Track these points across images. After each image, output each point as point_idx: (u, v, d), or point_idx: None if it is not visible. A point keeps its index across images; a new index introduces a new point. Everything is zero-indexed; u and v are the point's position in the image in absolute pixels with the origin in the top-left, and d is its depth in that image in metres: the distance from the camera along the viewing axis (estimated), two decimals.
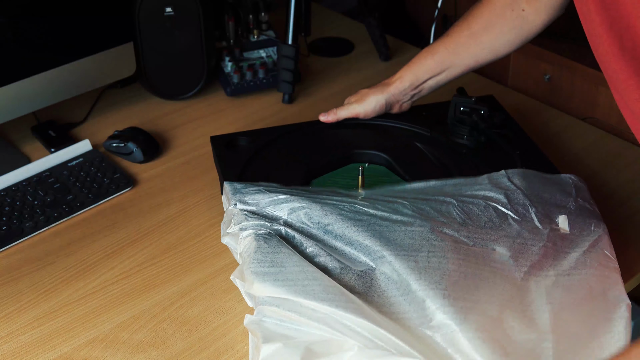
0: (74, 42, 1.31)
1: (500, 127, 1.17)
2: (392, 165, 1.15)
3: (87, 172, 1.24)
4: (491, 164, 1.12)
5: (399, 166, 1.14)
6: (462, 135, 1.16)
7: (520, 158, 1.12)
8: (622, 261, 1.08)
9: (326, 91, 1.51)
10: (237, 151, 1.18)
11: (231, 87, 1.47)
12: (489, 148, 1.16)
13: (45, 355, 0.96)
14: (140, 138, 1.31)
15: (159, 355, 0.95)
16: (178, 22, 1.40)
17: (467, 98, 1.18)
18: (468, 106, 1.18)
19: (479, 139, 1.16)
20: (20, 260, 1.10)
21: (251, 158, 1.15)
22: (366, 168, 1.17)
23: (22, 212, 1.16)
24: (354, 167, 1.15)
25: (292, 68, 1.43)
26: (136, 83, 1.50)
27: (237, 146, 1.20)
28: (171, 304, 1.02)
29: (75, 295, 1.04)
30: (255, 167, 1.14)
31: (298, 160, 1.15)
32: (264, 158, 1.16)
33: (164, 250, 1.11)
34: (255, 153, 1.17)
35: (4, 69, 1.24)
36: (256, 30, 1.57)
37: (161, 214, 1.18)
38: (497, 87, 1.51)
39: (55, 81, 1.30)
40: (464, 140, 1.16)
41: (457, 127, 1.17)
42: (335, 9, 1.89)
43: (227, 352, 0.96)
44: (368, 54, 1.63)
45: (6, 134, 1.37)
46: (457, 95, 1.19)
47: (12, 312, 1.01)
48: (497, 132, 1.15)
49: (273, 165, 1.14)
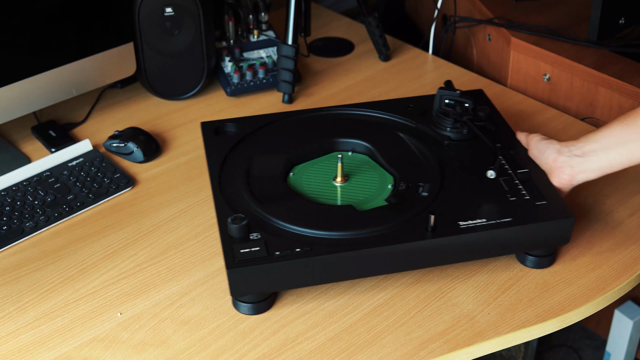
0: (74, 42, 1.31)
1: (484, 121, 1.18)
2: (374, 154, 1.17)
3: (87, 172, 1.24)
4: (472, 156, 1.13)
5: (380, 155, 1.16)
6: (446, 128, 1.18)
7: (499, 151, 1.12)
8: (622, 260, 1.09)
9: (326, 91, 1.51)
10: (225, 137, 1.20)
11: (231, 87, 1.47)
12: (472, 141, 1.17)
13: (45, 355, 0.96)
14: (140, 138, 1.31)
15: (159, 355, 0.95)
16: (178, 22, 1.40)
17: (453, 91, 1.19)
18: (453, 99, 1.19)
19: (462, 132, 1.17)
20: (20, 260, 1.10)
21: (237, 144, 1.18)
22: (348, 156, 1.18)
23: (22, 212, 1.16)
24: (336, 155, 1.17)
25: (292, 68, 1.43)
26: (136, 83, 1.50)
27: (225, 132, 1.22)
28: (171, 304, 1.02)
29: (75, 295, 1.04)
30: (240, 153, 1.16)
31: (282, 147, 1.17)
32: (249, 144, 1.18)
33: (164, 250, 1.11)
34: (242, 139, 1.19)
35: (4, 69, 1.24)
36: (256, 30, 1.57)
37: (161, 214, 1.18)
38: (497, 87, 1.51)
39: (56, 81, 1.30)
40: (447, 132, 1.17)
41: (441, 120, 1.18)
42: (335, 9, 1.89)
43: (227, 352, 0.96)
44: (368, 54, 1.63)
45: (6, 134, 1.37)
46: (442, 87, 1.20)
47: (12, 312, 1.02)
48: (480, 126, 1.16)
49: (257, 152, 1.16)
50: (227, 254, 0.96)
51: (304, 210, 1.04)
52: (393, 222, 1.01)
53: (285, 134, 1.20)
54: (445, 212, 1.02)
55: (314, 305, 1.02)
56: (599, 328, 1.85)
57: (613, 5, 1.43)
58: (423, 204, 1.04)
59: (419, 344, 0.97)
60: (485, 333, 0.98)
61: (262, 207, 1.04)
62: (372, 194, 1.10)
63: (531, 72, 1.49)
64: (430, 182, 1.08)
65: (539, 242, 1.04)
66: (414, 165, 1.13)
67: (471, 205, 1.04)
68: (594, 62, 1.41)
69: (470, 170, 1.10)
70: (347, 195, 1.10)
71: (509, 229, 1.01)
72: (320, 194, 1.10)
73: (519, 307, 1.02)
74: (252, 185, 1.08)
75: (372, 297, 1.03)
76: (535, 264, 1.07)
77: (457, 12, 1.68)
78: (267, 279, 0.97)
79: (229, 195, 1.07)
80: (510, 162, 1.11)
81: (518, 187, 1.06)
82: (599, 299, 1.03)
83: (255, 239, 0.98)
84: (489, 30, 1.60)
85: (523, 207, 1.03)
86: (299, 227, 1.00)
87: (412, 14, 2.01)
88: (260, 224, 1.01)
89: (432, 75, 1.55)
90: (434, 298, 1.03)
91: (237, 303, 1.01)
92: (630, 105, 1.34)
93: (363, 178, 1.13)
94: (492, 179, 1.07)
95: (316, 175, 1.14)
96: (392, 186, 1.11)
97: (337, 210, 1.05)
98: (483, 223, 1.01)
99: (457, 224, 1.01)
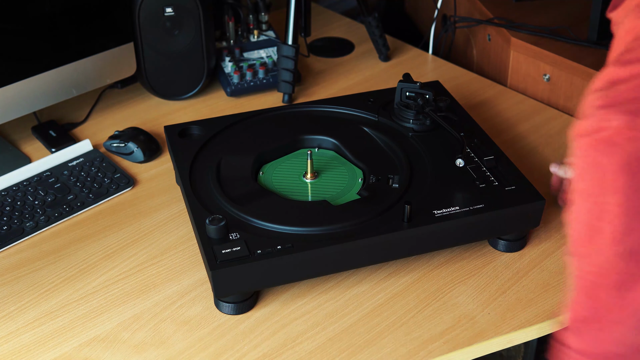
0: (75, 42, 1.31)
1: (445, 111, 1.19)
2: (340, 150, 1.18)
3: (87, 172, 1.24)
4: (436, 146, 1.15)
5: (347, 150, 1.17)
6: (409, 120, 1.19)
7: (464, 140, 1.14)
8: None
9: (326, 91, 1.51)
10: (190, 140, 1.20)
11: (231, 87, 1.47)
12: (435, 131, 1.19)
13: (45, 355, 0.96)
14: (141, 138, 1.31)
15: (159, 355, 0.95)
16: (178, 22, 1.40)
17: (413, 83, 1.21)
18: (413, 91, 1.21)
19: (425, 123, 1.18)
20: (21, 260, 1.10)
21: (203, 146, 1.18)
22: (315, 153, 1.19)
23: (22, 212, 1.16)
24: (304, 152, 1.18)
25: (292, 68, 1.43)
26: (136, 83, 1.50)
27: (190, 135, 1.22)
28: (171, 304, 1.02)
29: (75, 295, 1.04)
30: (207, 154, 1.16)
31: (249, 147, 1.18)
32: (216, 146, 1.18)
33: (164, 250, 1.11)
34: (208, 141, 1.19)
35: (4, 69, 1.24)
36: (256, 31, 1.57)
37: (161, 214, 1.18)
38: (496, 87, 1.51)
39: (56, 81, 1.30)
40: (410, 124, 1.19)
41: (403, 112, 1.20)
42: (335, 9, 1.89)
43: (227, 352, 0.96)
44: (368, 54, 1.63)
45: (7, 134, 1.37)
46: (402, 80, 1.22)
47: (12, 312, 1.02)
48: (442, 116, 1.18)
49: (225, 152, 1.16)
50: (208, 256, 0.96)
51: (280, 208, 1.05)
52: (369, 214, 1.03)
53: (250, 133, 1.21)
54: (419, 202, 1.04)
55: (314, 305, 1.02)
56: None
57: None
58: (395, 195, 1.06)
59: (419, 344, 0.97)
60: (485, 333, 0.98)
61: (238, 207, 1.04)
62: (343, 189, 1.11)
63: (531, 72, 1.49)
64: (399, 174, 1.10)
65: (511, 226, 1.07)
66: (381, 158, 1.15)
67: (443, 194, 1.06)
68: (594, 62, 1.41)
69: (437, 160, 1.13)
70: (318, 191, 1.11)
71: (482, 215, 1.03)
72: (292, 192, 1.11)
73: (519, 307, 1.02)
74: (224, 186, 1.09)
75: (372, 297, 1.04)
76: (507, 248, 1.10)
77: (457, 12, 1.68)
78: (250, 277, 0.97)
79: (202, 198, 1.07)
80: (476, 151, 1.14)
81: (486, 174, 1.09)
82: None
83: (235, 239, 0.98)
84: (489, 30, 1.60)
85: (494, 193, 1.06)
86: (277, 225, 1.01)
87: (412, 14, 2.01)
88: (237, 224, 1.02)
89: (432, 76, 1.55)
90: (434, 298, 1.03)
91: (219, 303, 1.01)
92: None
93: (332, 173, 1.14)
94: (461, 167, 1.09)
95: (286, 173, 1.15)
96: (362, 180, 1.13)
97: (312, 206, 1.06)
98: (457, 211, 1.03)
99: (431, 213, 1.03)
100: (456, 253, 1.10)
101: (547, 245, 1.12)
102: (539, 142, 1.33)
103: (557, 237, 1.13)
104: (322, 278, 1.06)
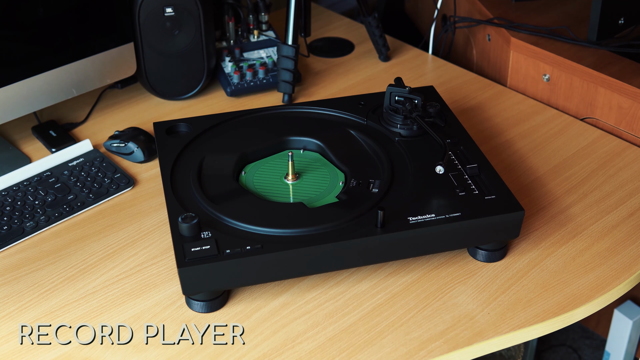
0: (75, 42, 1.31)
1: (434, 117, 1.19)
2: (325, 152, 1.18)
3: (87, 172, 1.24)
4: (422, 152, 1.14)
5: (331, 153, 1.17)
6: (396, 124, 1.19)
7: (447, 147, 1.13)
8: (622, 260, 1.09)
9: (326, 91, 1.51)
10: (177, 137, 1.20)
11: (231, 87, 1.47)
12: (423, 137, 1.18)
13: (46, 355, 0.96)
14: (141, 138, 1.31)
15: (159, 355, 0.95)
16: (178, 22, 1.40)
17: (402, 88, 1.20)
18: (402, 95, 1.20)
19: (412, 128, 1.18)
20: (21, 260, 1.10)
21: (189, 144, 1.18)
22: (300, 154, 1.19)
23: (22, 212, 1.16)
24: (287, 154, 1.17)
25: (292, 68, 1.43)
26: (136, 83, 1.50)
27: (178, 132, 1.22)
28: (171, 304, 1.03)
29: (75, 295, 1.04)
30: (192, 152, 1.16)
31: (234, 146, 1.18)
32: (201, 144, 1.19)
33: (164, 250, 1.12)
34: (194, 139, 1.19)
35: (4, 69, 1.24)
36: (256, 31, 1.57)
37: (161, 214, 1.18)
38: (496, 87, 1.51)
39: (56, 81, 1.31)
40: (397, 129, 1.19)
41: (392, 116, 1.20)
42: (335, 9, 1.90)
43: (227, 352, 0.96)
44: (368, 54, 1.63)
45: (7, 134, 1.37)
46: (392, 84, 1.21)
47: (12, 312, 1.02)
48: (430, 121, 1.18)
49: (209, 151, 1.16)
50: (178, 253, 0.96)
51: (255, 208, 1.05)
52: (343, 218, 1.02)
53: (237, 133, 1.21)
54: (395, 208, 1.03)
55: (314, 305, 1.03)
56: (599, 328, 1.85)
57: (612, 5, 1.43)
58: (373, 200, 1.05)
59: (419, 344, 0.97)
60: (485, 333, 0.98)
61: (213, 205, 1.04)
62: (323, 191, 1.11)
63: (531, 72, 1.49)
64: (380, 179, 1.09)
65: (489, 236, 1.06)
66: (365, 162, 1.14)
67: (421, 200, 1.05)
68: (594, 62, 1.41)
69: (420, 166, 1.12)
70: (298, 193, 1.11)
71: (458, 224, 1.02)
72: (271, 192, 1.11)
73: (518, 307, 1.02)
74: (203, 185, 1.09)
75: (372, 297, 1.04)
76: (486, 258, 1.08)
77: (457, 12, 1.68)
78: (217, 277, 0.97)
79: (181, 195, 1.07)
80: (460, 158, 1.13)
81: (467, 182, 1.08)
82: (598, 299, 1.03)
83: (206, 238, 0.98)
84: (488, 30, 1.60)
85: (472, 202, 1.05)
86: (250, 225, 1.01)
87: (412, 14, 2.01)
88: (212, 223, 1.02)
89: (432, 76, 1.55)
90: (434, 298, 1.03)
91: (190, 301, 1.01)
92: (630, 105, 1.34)
93: (314, 175, 1.14)
94: (441, 174, 1.08)
95: (268, 173, 1.15)
96: (343, 183, 1.12)
97: (287, 208, 1.06)
98: (432, 218, 1.02)
99: (406, 219, 1.02)
100: (456, 253, 1.10)
101: (547, 245, 1.12)
102: (529, 148, 1.32)
103: (558, 237, 1.13)
104: (322, 278, 1.06)
